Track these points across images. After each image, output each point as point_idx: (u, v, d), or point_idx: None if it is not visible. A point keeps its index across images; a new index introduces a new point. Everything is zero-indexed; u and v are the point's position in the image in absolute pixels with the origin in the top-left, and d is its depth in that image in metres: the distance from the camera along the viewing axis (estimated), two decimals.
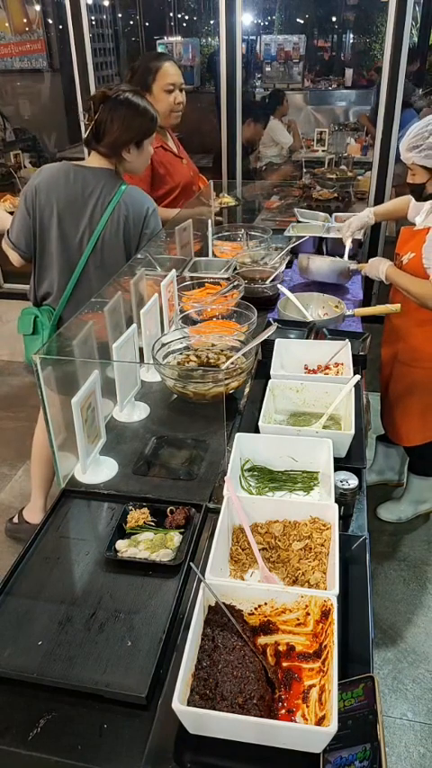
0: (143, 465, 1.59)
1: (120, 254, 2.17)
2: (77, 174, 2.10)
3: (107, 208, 2.08)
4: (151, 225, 2.19)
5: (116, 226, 2.11)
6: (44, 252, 2.15)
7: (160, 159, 2.68)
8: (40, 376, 1.42)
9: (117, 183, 2.12)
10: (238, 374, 1.74)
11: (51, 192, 2.07)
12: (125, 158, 2.11)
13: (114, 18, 6.98)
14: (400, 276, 2.31)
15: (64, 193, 2.08)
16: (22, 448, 3.29)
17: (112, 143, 2.06)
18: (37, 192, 2.08)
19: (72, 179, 2.09)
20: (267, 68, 7.45)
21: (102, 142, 2.07)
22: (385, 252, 3.84)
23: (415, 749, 1.97)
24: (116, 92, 2.03)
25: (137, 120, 2.05)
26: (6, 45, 6.50)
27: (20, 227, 2.15)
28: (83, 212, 2.09)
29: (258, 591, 1.09)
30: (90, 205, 2.08)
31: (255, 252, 2.79)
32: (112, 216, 2.09)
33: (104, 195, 2.09)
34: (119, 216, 2.10)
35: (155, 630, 1.14)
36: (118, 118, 2.02)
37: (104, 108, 2.01)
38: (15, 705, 1.04)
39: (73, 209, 2.09)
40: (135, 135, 2.07)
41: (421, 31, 5.97)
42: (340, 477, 1.39)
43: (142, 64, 2.67)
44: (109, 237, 2.12)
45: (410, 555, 2.70)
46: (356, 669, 1.03)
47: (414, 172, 2.25)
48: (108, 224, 2.09)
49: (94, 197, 2.08)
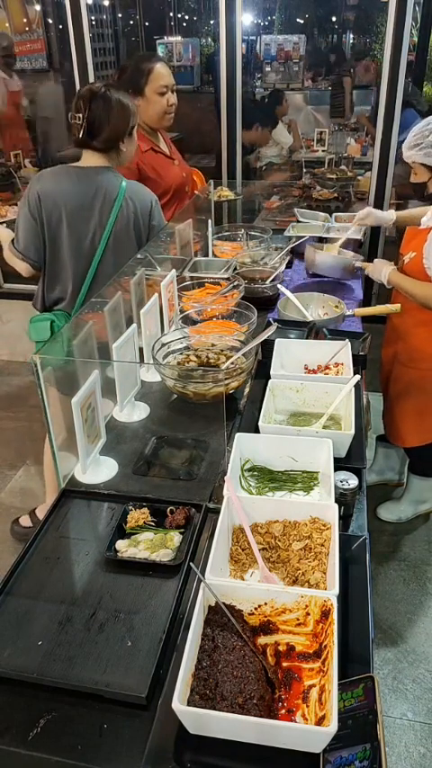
0: (143, 465, 1.59)
1: (132, 250, 2.17)
2: (80, 175, 2.10)
3: (114, 205, 2.08)
4: (156, 216, 2.21)
5: (126, 221, 2.12)
6: (55, 257, 2.14)
7: (150, 162, 2.66)
8: (40, 376, 1.42)
9: (117, 179, 2.13)
10: (238, 374, 1.74)
11: (58, 197, 2.07)
12: (122, 149, 2.12)
13: (114, 18, 6.98)
14: (402, 280, 2.31)
15: (71, 197, 2.07)
16: (22, 448, 3.29)
17: (109, 137, 2.07)
18: (41, 197, 2.07)
19: (76, 181, 2.09)
20: (267, 68, 7.45)
21: (98, 138, 2.06)
22: (385, 252, 3.84)
23: (415, 749, 1.97)
24: (100, 88, 2.06)
25: (127, 111, 2.08)
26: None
27: (27, 236, 2.12)
28: (91, 213, 2.09)
29: (258, 591, 1.09)
30: (97, 205, 2.09)
31: (255, 252, 2.79)
32: (120, 213, 2.10)
33: (109, 193, 2.09)
34: (127, 212, 2.12)
35: (155, 630, 1.14)
36: (112, 111, 2.04)
37: (95, 105, 2.02)
38: (15, 705, 1.04)
39: (81, 212, 2.08)
40: (127, 125, 2.09)
41: (421, 31, 5.97)
42: (340, 477, 1.39)
43: (133, 65, 2.65)
44: (120, 234, 2.12)
45: (410, 555, 2.70)
46: (356, 669, 1.03)
47: (416, 170, 2.26)
48: (118, 221, 2.10)
49: (99, 196, 2.09)
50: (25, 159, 5.11)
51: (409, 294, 2.28)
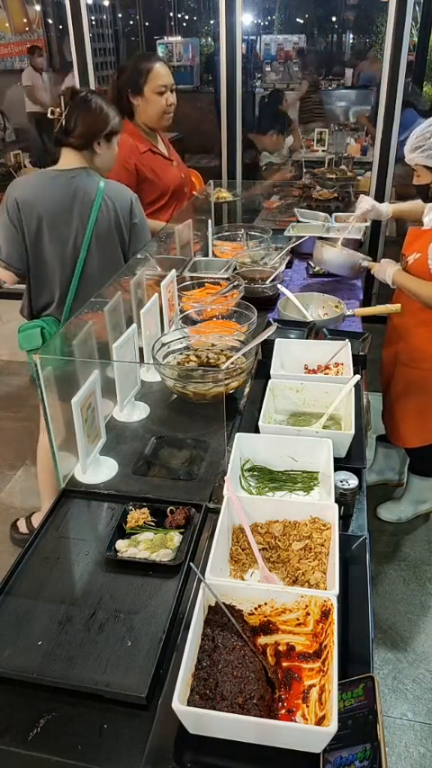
0: (143, 465, 1.59)
1: (116, 249, 2.16)
2: (56, 179, 2.08)
3: (93, 206, 2.07)
4: (137, 214, 2.19)
5: (106, 221, 2.11)
6: (38, 263, 2.13)
7: (148, 163, 2.65)
8: (41, 376, 1.42)
9: (94, 179, 2.11)
10: (238, 374, 1.74)
11: (36, 203, 2.05)
12: (96, 151, 2.11)
13: (114, 18, 6.99)
14: (406, 280, 2.31)
15: (49, 201, 2.06)
16: (22, 448, 3.29)
17: (84, 133, 2.06)
18: (19, 205, 2.05)
19: (53, 185, 2.07)
20: (267, 68, 7.46)
21: (73, 134, 2.06)
22: (386, 253, 3.84)
23: (415, 749, 1.97)
24: (83, 90, 2.09)
25: (106, 112, 2.08)
26: (6, 45, 6.51)
27: (9, 244, 2.10)
28: (71, 216, 2.07)
29: (258, 591, 1.09)
30: (76, 206, 2.07)
31: (255, 252, 2.79)
32: (100, 213, 2.08)
33: (87, 194, 2.08)
34: (107, 212, 2.10)
35: (155, 630, 1.14)
36: (90, 109, 2.05)
37: (74, 102, 2.04)
38: (15, 705, 1.04)
39: (61, 215, 2.07)
40: (105, 126, 2.08)
41: (421, 31, 5.97)
42: (340, 477, 1.39)
43: (132, 65, 2.64)
44: (102, 235, 2.11)
45: (410, 555, 2.70)
46: (356, 669, 1.03)
47: (418, 173, 2.26)
48: (98, 221, 2.09)
49: (77, 198, 2.07)
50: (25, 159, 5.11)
51: (414, 294, 2.28)
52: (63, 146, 2.11)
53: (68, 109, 2.04)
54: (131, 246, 2.22)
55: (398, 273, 2.34)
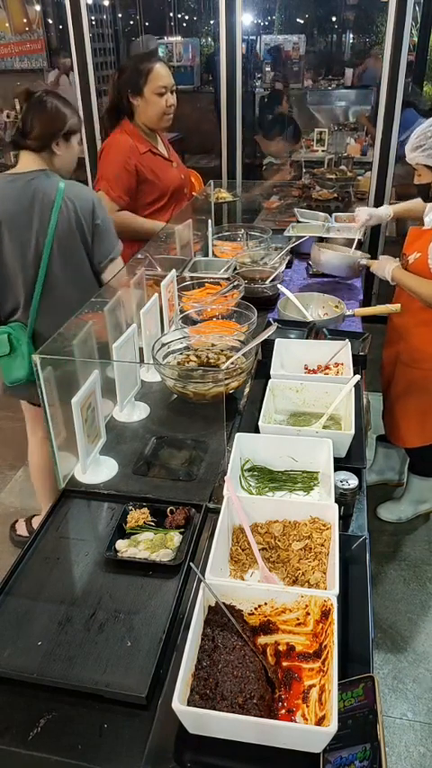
0: (143, 465, 1.59)
1: (79, 251, 2.12)
2: (14, 182, 2.04)
3: (53, 207, 2.03)
4: (100, 215, 2.15)
5: (67, 223, 2.06)
6: (1, 269, 2.09)
7: (148, 164, 2.64)
8: (41, 376, 1.42)
9: (54, 181, 2.07)
10: (238, 374, 1.74)
11: None
12: (55, 152, 2.07)
13: (114, 18, 6.98)
14: (406, 277, 2.31)
15: (7, 205, 2.02)
16: (21, 448, 3.29)
17: (41, 135, 2.03)
18: None
19: (10, 189, 2.03)
20: (267, 68, 7.45)
21: (30, 135, 2.03)
22: (386, 252, 3.84)
23: (415, 749, 1.97)
24: (38, 90, 2.05)
25: (64, 111, 2.05)
26: (6, 45, 6.50)
27: None
28: (30, 219, 2.04)
29: (258, 591, 1.09)
30: (36, 210, 2.03)
31: (255, 252, 2.79)
32: (60, 214, 2.04)
33: (47, 196, 2.03)
34: (68, 213, 2.06)
35: (155, 630, 1.14)
36: (46, 109, 2.02)
37: (30, 103, 2.01)
38: (15, 705, 1.04)
39: (20, 219, 2.03)
40: (62, 126, 2.04)
41: (421, 31, 5.97)
42: (340, 477, 1.39)
43: (132, 65, 2.63)
44: (64, 237, 2.07)
45: (410, 555, 2.70)
46: (356, 669, 1.03)
47: (419, 172, 2.26)
48: (59, 224, 2.04)
49: (37, 201, 2.03)
50: None
51: (414, 292, 2.28)
52: (21, 148, 2.07)
53: (24, 110, 2.01)
54: (95, 247, 2.16)
55: (397, 270, 2.34)
